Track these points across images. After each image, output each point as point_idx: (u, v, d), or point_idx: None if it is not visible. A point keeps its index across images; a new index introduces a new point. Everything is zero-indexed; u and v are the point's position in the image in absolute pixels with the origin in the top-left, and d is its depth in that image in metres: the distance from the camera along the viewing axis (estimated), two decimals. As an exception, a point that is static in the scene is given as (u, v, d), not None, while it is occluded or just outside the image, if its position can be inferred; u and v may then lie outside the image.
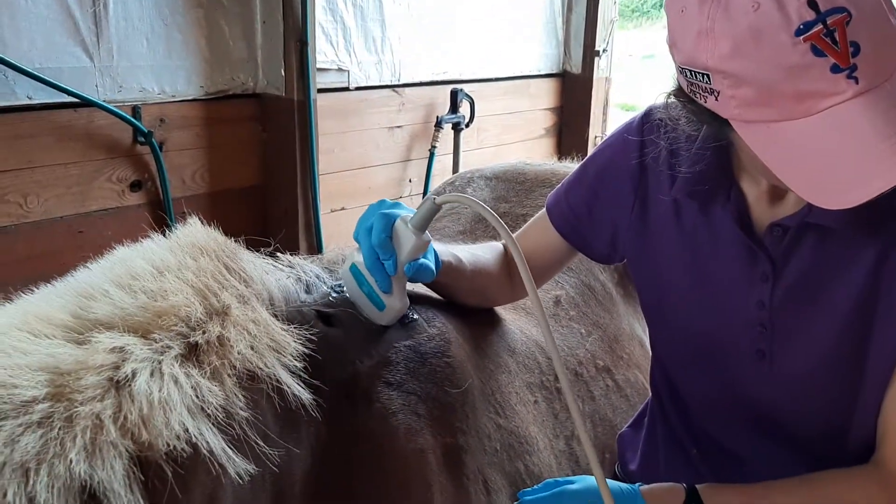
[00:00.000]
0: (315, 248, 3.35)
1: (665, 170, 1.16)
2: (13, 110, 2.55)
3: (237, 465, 0.79)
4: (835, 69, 0.80)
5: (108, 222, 2.86)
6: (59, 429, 0.68)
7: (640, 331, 1.81)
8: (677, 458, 1.30)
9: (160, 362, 0.77)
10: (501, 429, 1.17)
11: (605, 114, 4.72)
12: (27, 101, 2.58)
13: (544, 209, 1.34)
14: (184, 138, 3.02)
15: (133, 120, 2.81)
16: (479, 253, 1.28)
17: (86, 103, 2.68)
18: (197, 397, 0.78)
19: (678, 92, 1.00)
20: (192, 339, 0.82)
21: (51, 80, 2.56)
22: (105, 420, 0.70)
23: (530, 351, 1.38)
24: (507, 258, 1.33)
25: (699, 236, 1.14)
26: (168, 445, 0.73)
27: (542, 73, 4.58)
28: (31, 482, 0.65)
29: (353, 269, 1.08)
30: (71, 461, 0.67)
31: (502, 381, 1.23)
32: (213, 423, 0.78)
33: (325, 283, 1.08)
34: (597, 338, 1.62)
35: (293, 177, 3.25)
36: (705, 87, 0.89)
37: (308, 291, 1.04)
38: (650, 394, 1.42)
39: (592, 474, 1.36)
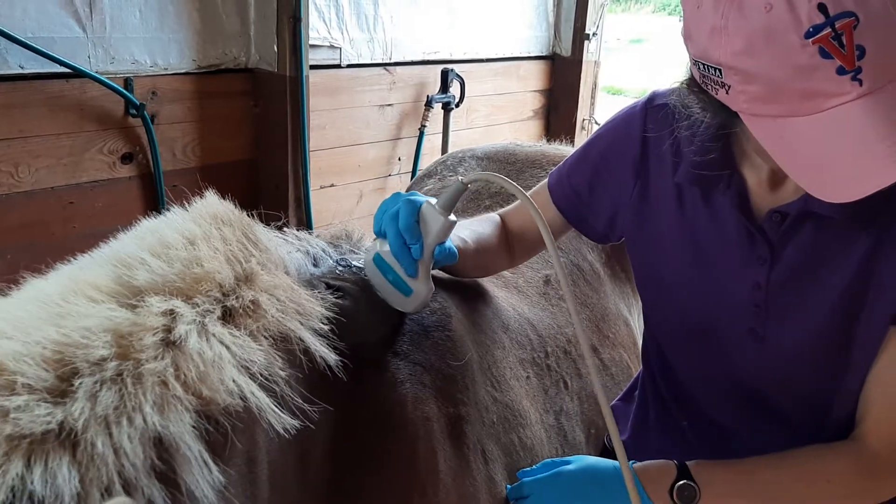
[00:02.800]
0: (305, 223, 3.37)
1: (668, 155, 1.19)
2: (5, 79, 2.55)
3: (284, 420, 0.83)
4: (840, 71, 0.83)
5: (99, 194, 2.86)
6: (132, 385, 0.72)
7: (626, 311, 1.85)
8: (668, 431, 1.34)
9: (204, 325, 0.81)
10: (497, 402, 1.21)
11: (593, 97, 4.75)
12: (19, 71, 2.57)
13: (543, 184, 1.37)
14: (175, 111, 3.02)
15: (125, 92, 2.81)
16: (480, 229, 1.30)
17: (78, 74, 2.68)
18: (242, 357, 0.82)
19: (691, 82, 1.03)
20: (227, 304, 0.85)
21: (43, 50, 2.56)
22: (169, 377, 0.74)
23: (522, 328, 1.42)
24: (504, 230, 1.37)
25: (700, 220, 1.17)
26: (224, 401, 0.77)
27: (532, 55, 4.60)
28: (114, 434, 0.68)
29: (377, 258, 1.08)
30: (146, 414, 0.71)
31: (497, 356, 1.27)
32: (257, 383, 0.82)
33: (330, 256, 1.11)
34: (585, 317, 1.66)
35: (284, 152, 3.26)
36: (717, 81, 0.93)
37: (316, 265, 1.07)
38: (639, 369, 1.46)
39: (584, 453, 1.42)
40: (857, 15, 0.82)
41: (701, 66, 0.96)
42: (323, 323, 0.94)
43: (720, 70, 0.91)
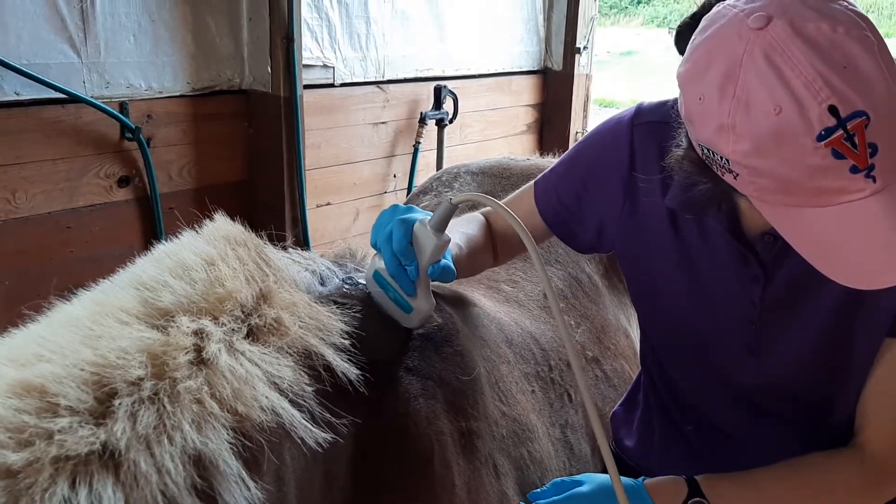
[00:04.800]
0: (302, 243, 3.37)
1: (656, 175, 1.18)
2: (1, 106, 2.56)
3: (316, 435, 0.83)
4: (854, 170, 0.82)
5: (96, 218, 2.86)
6: (169, 403, 0.72)
7: (625, 322, 1.86)
8: (672, 435, 1.34)
9: (232, 343, 0.82)
10: (506, 416, 1.21)
11: (585, 110, 4.78)
12: (15, 97, 2.58)
13: (528, 191, 1.36)
14: (171, 134, 3.03)
15: (120, 116, 2.82)
16: (470, 231, 1.30)
17: (73, 99, 2.69)
18: (272, 373, 0.82)
19: (688, 154, 1.00)
20: (252, 322, 0.86)
21: (39, 76, 2.57)
22: (204, 395, 0.75)
23: (526, 342, 1.42)
24: (489, 231, 1.36)
25: (692, 241, 1.17)
26: (259, 418, 0.78)
27: (524, 69, 4.63)
28: (156, 454, 0.69)
29: (377, 275, 1.09)
30: (186, 432, 0.71)
31: (503, 371, 1.28)
32: (287, 399, 0.83)
33: (336, 275, 1.11)
34: (585, 329, 1.67)
35: (279, 172, 3.27)
36: (723, 166, 0.91)
37: (323, 283, 1.07)
38: (640, 371, 1.47)
39: (590, 464, 1.42)
40: (868, 113, 0.81)
41: (705, 150, 0.94)
42: (343, 338, 0.95)
43: (728, 160, 0.89)
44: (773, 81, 0.83)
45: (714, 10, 0.93)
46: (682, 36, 1.03)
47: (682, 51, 1.04)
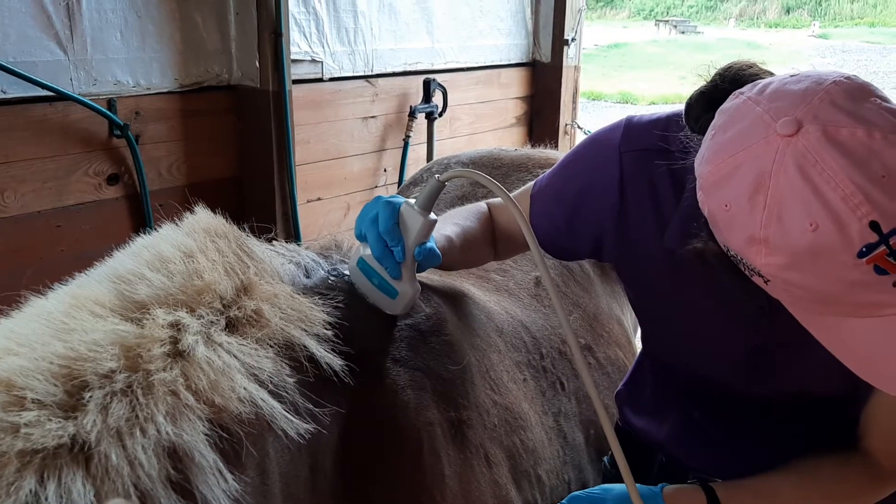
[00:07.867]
0: (293, 238, 3.37)
1: (649, 207, 1.14)
2: (-12, 105, 2.55)
3: (297, 426, 0.82)
4: None
5: (86, 216, 2.85)
6: (142, 395, 0.72)
7: (618, 310, 1.86)
8: (682, 419, 1.34)
9: (210, 335, 0.81)
10: (497, 405, 1.21)
11: (574, 102, 4.78)
12: (2, 96, 2.57)
13: (527, 196, 1.31)
14: (160, 131, 3.02)
15: (109, 113, 2.81)
16: (467, 224, 1.27)
17: (61, 97, 2.68)
18: (251, 364, 0.82)
19: (712, 249, 0.94)
20: (230, 314, 0.86)
21: (26, 74, 2.55)
22: (179, 387, 0.74)
23: (516, 331, 1.42)
24: (490, 224, 1.33)
25: (692, 273, 1.10)
26: (237, 409, 0.77)
27: (513, 62, 4.63)
28: (128, 446, 0.68)
29: (361, 263, 1.08)
30: (159, 424, 0.70)
31: (494, 359, 1.28)
32: (267, 390, 0.82)
33: (322, 267, 1.11)
34: (577, 317, 1.67)
35: (270, 168, 3.26)
36: (754, 270, 0.87)
37: (308, 275, 1.07)
38: (641, 352, 1.46)
39: (584, 453, 1.42)
40: None
41: (732, 253, 0.89)
42: (326, 329, 0.94)
43: (759, 269, 0.85)
44: (808, 196, 0.78)
45: (731, 103, 0.88)
46: (692, 113, 0.99)
47: (692, 127, 1.01)
